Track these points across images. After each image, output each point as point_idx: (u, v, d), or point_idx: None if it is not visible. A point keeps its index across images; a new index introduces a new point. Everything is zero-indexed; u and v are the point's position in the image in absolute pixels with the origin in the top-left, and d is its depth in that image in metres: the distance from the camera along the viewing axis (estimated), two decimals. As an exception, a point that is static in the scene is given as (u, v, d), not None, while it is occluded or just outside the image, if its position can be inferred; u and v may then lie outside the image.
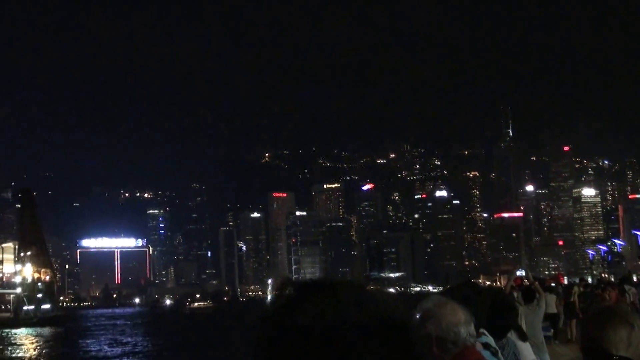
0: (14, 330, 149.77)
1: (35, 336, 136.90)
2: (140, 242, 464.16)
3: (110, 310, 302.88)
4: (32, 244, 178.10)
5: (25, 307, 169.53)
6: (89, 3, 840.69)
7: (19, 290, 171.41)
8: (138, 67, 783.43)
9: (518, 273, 36.63)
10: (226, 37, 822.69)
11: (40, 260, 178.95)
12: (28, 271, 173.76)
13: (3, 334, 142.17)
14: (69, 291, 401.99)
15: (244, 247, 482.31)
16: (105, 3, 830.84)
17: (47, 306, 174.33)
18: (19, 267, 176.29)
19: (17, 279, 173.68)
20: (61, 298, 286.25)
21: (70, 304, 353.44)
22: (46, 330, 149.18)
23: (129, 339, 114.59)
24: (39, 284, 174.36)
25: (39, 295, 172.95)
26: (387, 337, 2.29)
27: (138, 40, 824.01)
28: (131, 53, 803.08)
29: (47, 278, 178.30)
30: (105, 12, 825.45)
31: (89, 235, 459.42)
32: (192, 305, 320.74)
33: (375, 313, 2.30)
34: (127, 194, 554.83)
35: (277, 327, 2.28)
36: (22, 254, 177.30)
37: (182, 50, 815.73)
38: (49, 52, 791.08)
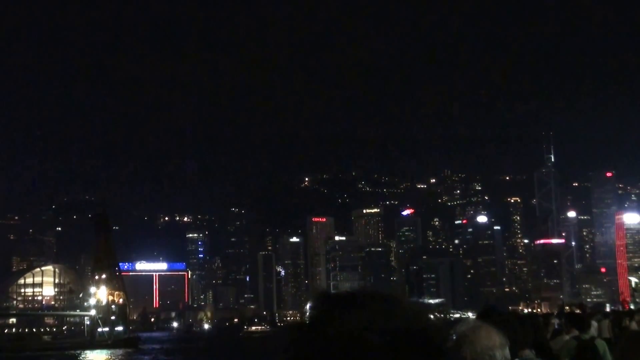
0: (91, 353, 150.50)
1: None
2: (178, 266, 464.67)
3: (153, 334, 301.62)
4: (106, 267, 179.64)
5: (99, 329, 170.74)
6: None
7: (93, 312, 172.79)
8: (178, 91, 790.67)
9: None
10: (267, 64, 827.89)
11: (114, 283, 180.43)
12: (102, 294, 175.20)
13: (83, 357, 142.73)
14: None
15: (283, 272, 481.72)
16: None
17: (120, 328, 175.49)
18: (93, 289, 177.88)
19: (92, 302, 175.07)
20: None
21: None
22: (124, 352, 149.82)
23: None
24: (113, 306, 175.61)
25: (113, 318, 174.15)
26: (412, 347, 2.32)
27: (181, 64, 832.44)
28: (173, 77, 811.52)
29: (121, 301, 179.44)
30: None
31: (128, 259, 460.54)
32: (249, 329, 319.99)
33: (403, 324, 2.36)
34: (166, 218, 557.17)
35: (305, 336, 2.40)
36: (96, 277, 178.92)
37: (224, 74, 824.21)
38: (101, 81, 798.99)
